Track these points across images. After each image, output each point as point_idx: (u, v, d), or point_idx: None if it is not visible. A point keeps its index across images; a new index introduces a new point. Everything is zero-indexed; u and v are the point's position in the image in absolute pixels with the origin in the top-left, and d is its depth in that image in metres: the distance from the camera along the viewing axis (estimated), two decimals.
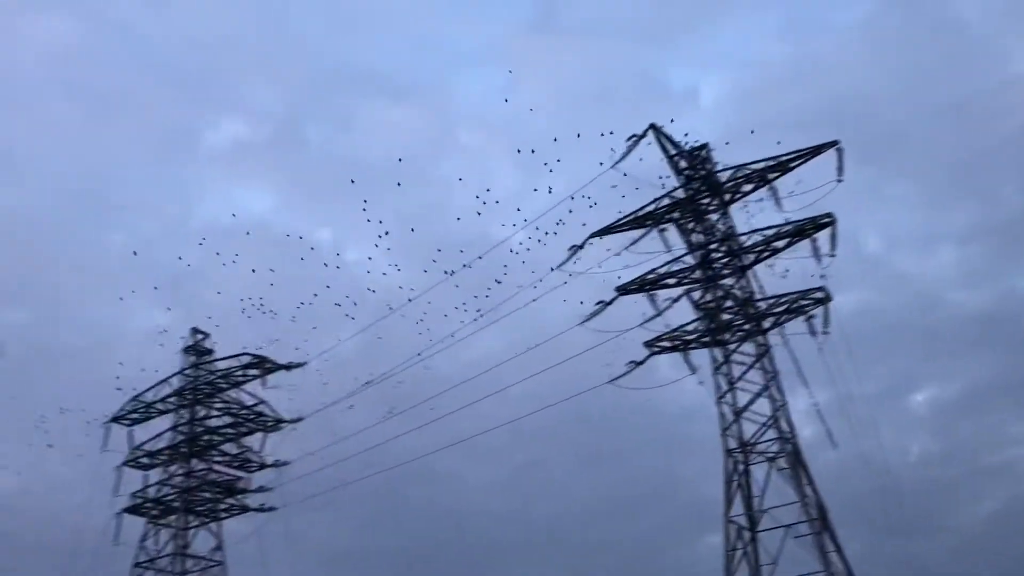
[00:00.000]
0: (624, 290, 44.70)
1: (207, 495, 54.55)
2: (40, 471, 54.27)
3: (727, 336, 43.27)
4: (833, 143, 42.50)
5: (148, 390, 57.31)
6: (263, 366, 54.80)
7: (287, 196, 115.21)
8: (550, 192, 43.20)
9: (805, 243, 42.74)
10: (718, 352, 43.44)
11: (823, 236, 42.46)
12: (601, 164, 42.93)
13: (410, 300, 47.69)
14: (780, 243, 43.09)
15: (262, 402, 55.88)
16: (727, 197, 44.58)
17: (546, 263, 44.26)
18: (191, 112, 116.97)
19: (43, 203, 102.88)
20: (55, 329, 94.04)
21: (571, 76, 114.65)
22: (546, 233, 43.75)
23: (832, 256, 42.81)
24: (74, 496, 54.21)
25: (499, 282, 45.25)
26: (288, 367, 54.43)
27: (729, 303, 43.38)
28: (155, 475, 56.35)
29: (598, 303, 44.29)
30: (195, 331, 59.39)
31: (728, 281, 43.63)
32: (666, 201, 44.73)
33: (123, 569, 52.46)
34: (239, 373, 55.85)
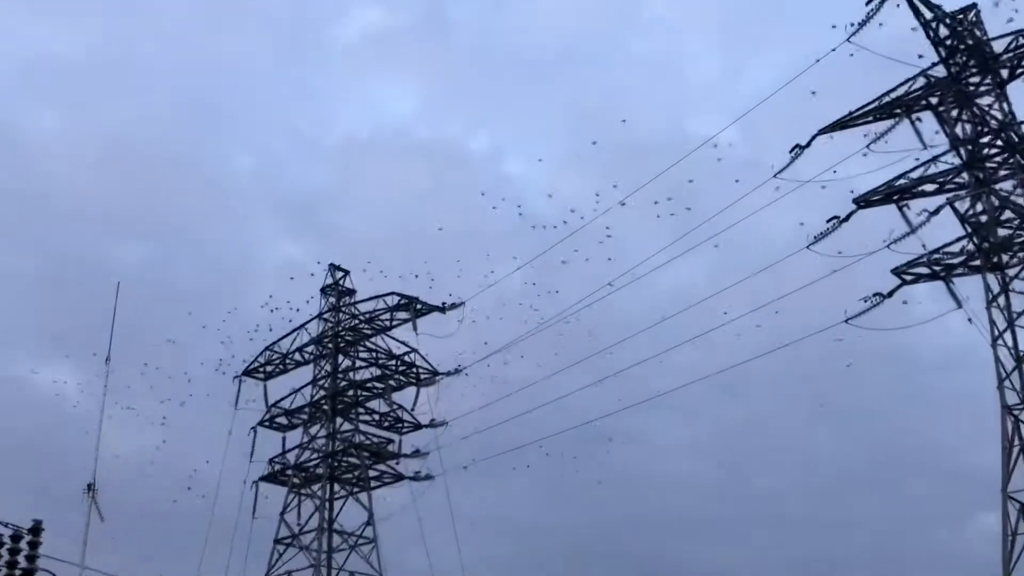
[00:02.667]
0: (865, 201, 43.23)
1: (354, 460, 56.01)
2: (169, 431, 57.27)
3: (1005, 258, 41.39)
4: None
5: (283, 338, 59.22)
6: (414, 308, 55.48)
7: (433, 95, 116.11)
8: (765, 76, 41.54)
9: None
10: (993, 279, 41.64)
11: None
12: (833, 33, 40.75)
13: (588, 218, 47.46)
14: None
15: (414, 350, 56.76)
16: (1004, 74, 42.08)
17: (762, 169, 43.27)
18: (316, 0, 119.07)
19: (162, 119, 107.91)
20: (178, 266, 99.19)
21: None
22: (761, 130, 42.26)
23: None
24: (206, 461, 56.82)
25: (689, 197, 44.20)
26: (443, 308, 54.99)
27: (1008, 215, 41.31)
28: (294, 437, 58.22)
29: (831, 219, 43.01)
30: (334, 268, 60.68)
31: (1006, 185, 41.36)
32: (920, 82, 42.65)
33: (263, 545, 54.45)
34: (386, 316, 56.82)
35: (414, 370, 57.11)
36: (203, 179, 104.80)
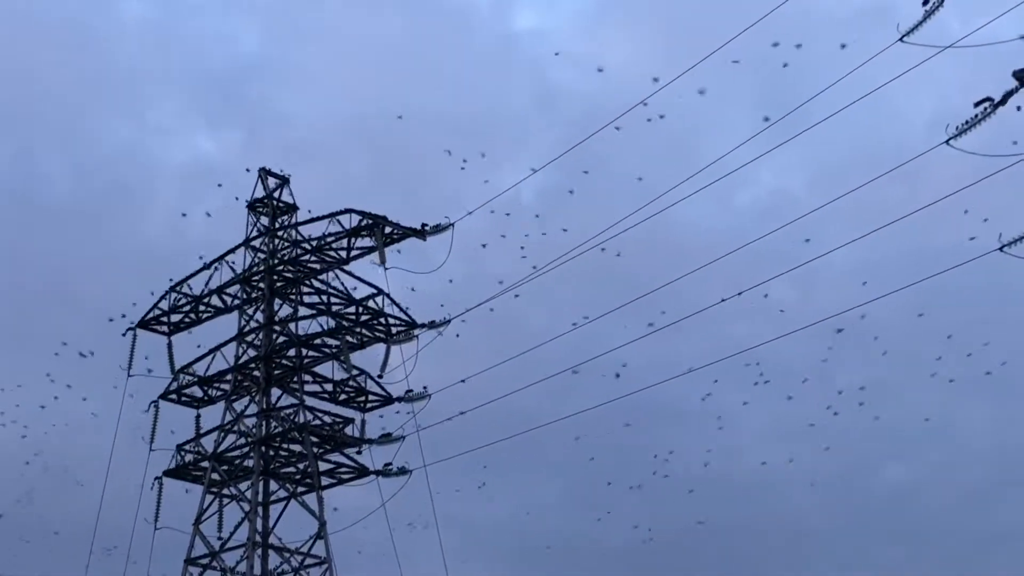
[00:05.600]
0: None
1: (298, 448, 56.05)
2: (35, 407, 56.81)
3: None
4: None
5: (195, 274, 59.40)
6: (381, 231, 55.22)
7: None
8: None
9: None
10: None
11: None
12: None
13: (637, 97, 46.01)
14: None
15: (381, 292, 56.89)
16: None
17: (885, 27, 41.36)
18: None
19: None
20: (47, 169, 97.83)
21: None
22: None
23: None
24: (87, 446, 58.12)
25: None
26: (423, 232, 55.13)
27: None
28: (213, 415, 58.54)
29: (980, 102, 41.23)
30: (267, 173, 60.47)
31: None
32: None
33: (170, 566, 54.65)
34: (341, 244, 56.73)
35: (382, 321, 57.14)
36: (76, 41, 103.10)
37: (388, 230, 55.36)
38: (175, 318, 60.07)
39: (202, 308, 59.71)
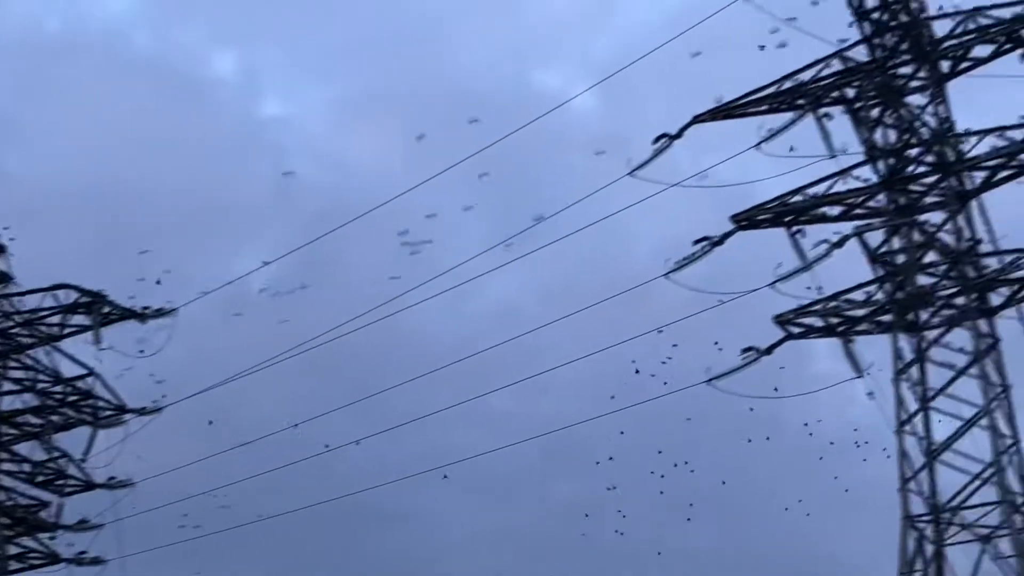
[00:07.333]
0: (747, 220, 44.35)
1: None
2: None
3: (924, 316, 42.79)
4: None
5: None
6: (98, 310, 54.67)
7: None
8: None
9: None
10: (906, 342, 43.08)
11: None
12: None
13: (381, 196, 47.57)
14: None
15: (93, 373, 55.76)
16: (945, 66, 43.30)
17: (617, 160, 43.98)
18: None
19: None
20: None
21: None
22: (634, 92, 43.27)
23: None
24: None
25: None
26: (143, 315, 54.67)
27: (932, 256, 42.87)
28: None
29: (699, 241, 44.13)
30: None
31: (934, 216, 42.76)
32: (835, 65, 43.86)
33: None
34: (55, 320, 55.79)
35: (91, 403, 56.15)
36: None
37: (106, 310, 54.77)
38: None
39: None
